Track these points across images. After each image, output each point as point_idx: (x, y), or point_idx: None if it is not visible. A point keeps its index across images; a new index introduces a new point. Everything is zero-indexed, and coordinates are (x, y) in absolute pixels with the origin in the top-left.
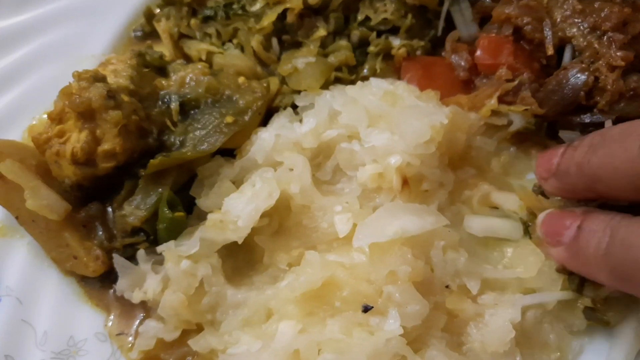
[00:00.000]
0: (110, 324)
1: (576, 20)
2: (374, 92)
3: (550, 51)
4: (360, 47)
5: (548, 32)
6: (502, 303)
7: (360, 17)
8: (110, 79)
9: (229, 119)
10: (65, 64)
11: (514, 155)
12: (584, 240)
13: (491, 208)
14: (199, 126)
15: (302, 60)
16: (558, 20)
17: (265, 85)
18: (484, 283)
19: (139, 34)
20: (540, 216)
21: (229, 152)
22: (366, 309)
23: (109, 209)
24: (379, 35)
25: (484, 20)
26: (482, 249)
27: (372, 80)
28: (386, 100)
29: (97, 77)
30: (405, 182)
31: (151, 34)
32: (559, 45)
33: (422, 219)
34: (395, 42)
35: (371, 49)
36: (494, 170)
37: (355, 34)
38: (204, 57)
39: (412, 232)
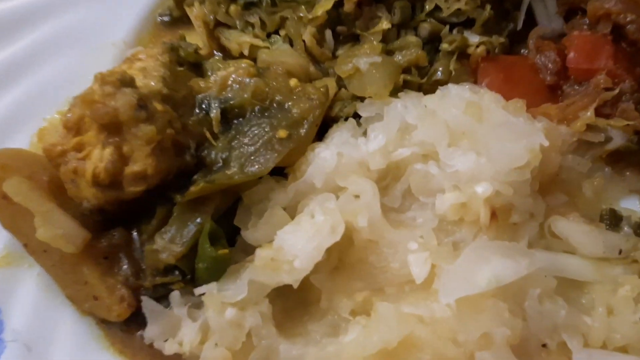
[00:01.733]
0: None
1: None
2: (456, 103)
3: None
4: (429, 43)
5: None
6: None
7: (428, 7)
8: (139, 81)
9: (282, 134)
10: (81, 53)
11: (609, 178)
12: None
13: None
14: (246, 141)
15: (366, 59)
16: None
17: (323, 90)
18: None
19: (166, 18)
20: None
21: (278, 171)
22: None
23: (135, 235)
24: (450, 28)
25: (569, 13)
26: (577, 293)
27: (451, 87)
28: (471, 114)
29: (124, 81)
30: (493, 214)
31: (180, 20)
32: None
33: (515, 261)
34: (474, 38)
35: (444, 46)
36: (586, 195)
37: (425, 27)
38: (246, 52)
39: (506, 280)
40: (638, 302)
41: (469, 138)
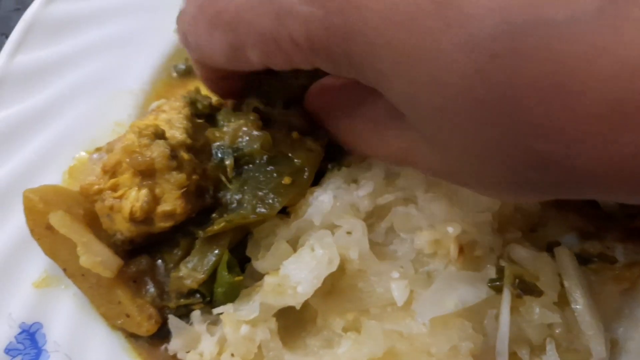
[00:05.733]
0: None
1: None
2: None
3: None
4: None
5: None
6: None
7: None
8: (167, 132)
9: (287, 180)
10: (102, 99)
11: (554, 217)
12: None
13: None
14: (256, 185)
15: None
16: None
17: (320, 142)
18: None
19: (180, 67)
20: None
21: (282, 209)
22: None
23: (159, 262)
24: None
25: None
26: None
27: None
28: None
29: (157, 133)
30: (460, 249)
31: (192, 70)
32: None
33: (477, 288)
34: None
35: None
36: (536, 231)
37: None
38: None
39: (469, 303)
40: None
41: (442, 186)
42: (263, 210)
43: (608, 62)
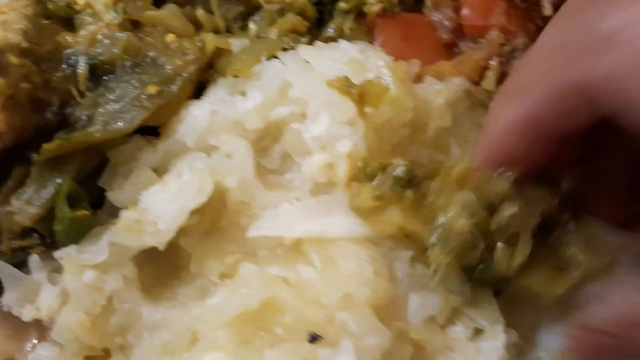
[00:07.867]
0: None
1: None
2: (337, 57)
3: (548, 11)
4: (332, 3)
5: None
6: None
7: None
8: None
9: (152, 89)
10: None
11: None
12: None
13: None
14: (113, 97)
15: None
16: None
17: (199, 45)
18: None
19: None
20: None
21: (151, 131)
22: (313, 339)
23: None
24: None
25: None
26: None
27: (341, 43)
28: (351, 69)
29: None
30: None
31: None
32: (557, 5)
33: None
34: None
35: (341, 5)
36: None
37: None
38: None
39: (364, 233)
40: None
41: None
42: (116, 126)
43: None
